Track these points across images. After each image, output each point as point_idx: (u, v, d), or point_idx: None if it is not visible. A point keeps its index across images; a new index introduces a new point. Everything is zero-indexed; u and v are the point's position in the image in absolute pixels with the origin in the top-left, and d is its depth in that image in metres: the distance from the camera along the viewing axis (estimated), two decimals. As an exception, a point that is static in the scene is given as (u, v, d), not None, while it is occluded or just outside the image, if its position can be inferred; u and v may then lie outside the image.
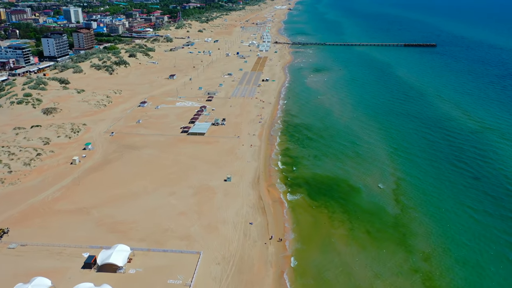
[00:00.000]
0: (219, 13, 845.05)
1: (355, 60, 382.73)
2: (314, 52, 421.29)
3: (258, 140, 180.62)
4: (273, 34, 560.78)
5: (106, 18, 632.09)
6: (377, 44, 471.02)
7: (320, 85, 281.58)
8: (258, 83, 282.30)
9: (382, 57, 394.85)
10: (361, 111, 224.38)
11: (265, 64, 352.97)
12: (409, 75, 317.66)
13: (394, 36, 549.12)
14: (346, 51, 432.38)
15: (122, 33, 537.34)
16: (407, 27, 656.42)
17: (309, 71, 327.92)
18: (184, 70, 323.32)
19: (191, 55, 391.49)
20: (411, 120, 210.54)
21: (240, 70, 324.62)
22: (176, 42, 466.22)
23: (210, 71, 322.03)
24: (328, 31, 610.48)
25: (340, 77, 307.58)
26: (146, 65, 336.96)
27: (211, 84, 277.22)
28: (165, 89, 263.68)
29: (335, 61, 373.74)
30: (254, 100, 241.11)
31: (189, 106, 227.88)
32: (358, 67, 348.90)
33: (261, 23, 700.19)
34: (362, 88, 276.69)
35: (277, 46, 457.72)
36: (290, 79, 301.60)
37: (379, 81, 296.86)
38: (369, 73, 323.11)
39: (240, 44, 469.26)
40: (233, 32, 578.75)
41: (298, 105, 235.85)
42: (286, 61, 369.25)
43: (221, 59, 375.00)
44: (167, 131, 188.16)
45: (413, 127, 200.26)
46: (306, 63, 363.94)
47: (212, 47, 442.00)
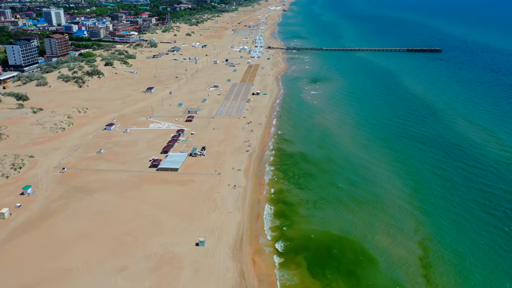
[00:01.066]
0: (210, 15, 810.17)
1: (354, 68, 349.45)
2: (310, 59, 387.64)
3: (244, 178, 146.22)
4: (266, 38, 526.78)
5: (89, 21, 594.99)
6: (377, 49, 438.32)
7: (317, 100, 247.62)
8: (248, 97, 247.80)
9: (384, 64, 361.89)
10: (366, 135, 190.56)
11: (256, 73, 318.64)
12: (415, 86, 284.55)
13: (394, 39, 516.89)
14: (344, 57, 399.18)
15: (104, 37, 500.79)
16: (407, 30, 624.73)
17: (305, 82, 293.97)
18: (165, 81, 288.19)
19: (176, 62, 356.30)
20: (424, 146, 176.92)
21: (228, 81, 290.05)
22: (161, 47, 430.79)
23: (194, 82, 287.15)
24: (325, 34, 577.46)
25: (339, 90, 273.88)
26: (123, 75, 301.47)
27: (193, 99, 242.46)
28: (140, 106, 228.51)
29: (333, 69, 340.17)
30: (242, 121, 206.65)
31: (165, 129, 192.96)
32: (359, 76, 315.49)
33: (253, 25, 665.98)
34: (364, 103, 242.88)
35: (270, 51, 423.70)
36: (284, 92, 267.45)
37: (382, 94, 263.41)
38: (370, 84, 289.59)
39: (230, 49, 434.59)
40: (223, 36, 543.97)
41: (292, 127, 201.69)
42: (280, 70, 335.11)
43: (208, 67, 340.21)
44: (133, 166, 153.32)
45: (427, 157, 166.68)
46: (301, 71, 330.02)
47: (200, 53, 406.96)
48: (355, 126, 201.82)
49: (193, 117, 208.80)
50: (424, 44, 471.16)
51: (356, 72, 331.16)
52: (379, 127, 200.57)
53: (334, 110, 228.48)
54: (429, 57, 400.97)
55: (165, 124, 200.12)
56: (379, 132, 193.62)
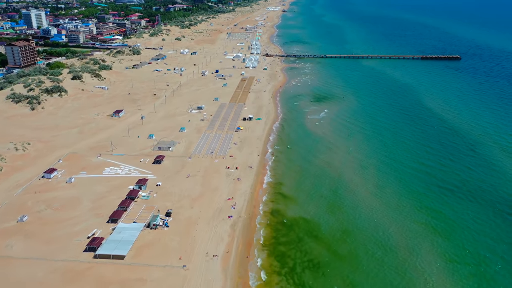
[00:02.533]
0: (205, 16, 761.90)
1: (364, 81, 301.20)
2: (312, 69, 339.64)
3: (222, 273, 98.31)
4: (263, 43, 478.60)
5: (71, 24, 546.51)
6: (387, 57, 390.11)
7: (323, 128, 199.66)
8: (237, 125, 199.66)
9: (398, 77, 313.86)
10: (394, 186, 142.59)
11: (250, 88, 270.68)
12: (441, 108, 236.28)
13: (403, 44, 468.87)
14: (351, 67, 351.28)
15: (84, 42, 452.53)
16: (415, 33, 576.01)
17: (308, 101, 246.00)
18: (140, 100, 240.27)
19: (157, 74, 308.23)
20: (477, 205, 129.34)
21: (216, 100, 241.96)
22: (144, 54, 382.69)
23: (174, 102, 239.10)
24: (327, 37, 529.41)
25: (349, 113, 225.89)
26: (91, 92, 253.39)
27: (169, 128, 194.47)
28: (99, 139, 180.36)
29: (340, 83, 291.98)
30: (228, 161, 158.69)
31: (123, 177, 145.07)
32: (370, 93, 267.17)
33: (251, 28, 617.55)
34: (383, 134, 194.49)
35: (268, 60, 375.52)
36: (283, 115, 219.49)
37: (404, 120, 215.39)
38: (387, 105, 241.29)
39: (223, 57, 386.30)
40: (217, 40, 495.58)
41: (293, 171, 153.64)
42: (278, 84, 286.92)
43: (194, 80, 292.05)
44: (60, 248, 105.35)
45: (475, 216, 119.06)
46: (303, 86, 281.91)
47: (187, 62, 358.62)
48: (377, 171, 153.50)
49: (163, 157, 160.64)
50: (440, 51, 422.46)
51: (366, 87, 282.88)
52: (408, 173, 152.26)
53: (346, 144, 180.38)
54: (448, 66, 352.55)
55: (125, 168, 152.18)
56: (410, 182, 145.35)
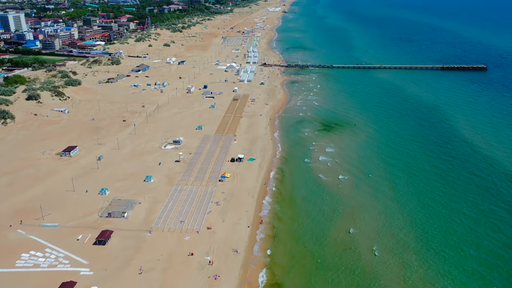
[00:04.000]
0: (201, 18, 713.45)
1: (379, 100, 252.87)
2: (318, 82, 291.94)
3: None
4: (262, 49, 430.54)
5: (50, 27, 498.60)
6: (403, 67, 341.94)
7: (334, 174, 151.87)
8: (222, 170, 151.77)
9: (418, 93, 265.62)
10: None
11: (243, 111, 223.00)
12: (478, 138, 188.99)
13: (418, 51, 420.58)
14: (362, 79, 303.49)
15: (60, 49, 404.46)
16: (430, 38, 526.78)
17: (314, 130, 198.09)
18: (105, 130, 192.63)
19: (134, 91, 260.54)
20: None
21: (199, 129, 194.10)
22: (124, 64, 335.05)
23: (147, 131, 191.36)
24: (332, 42, 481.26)
25: (367, 149, 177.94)
26: (46, 117, 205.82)
27: (131, 176, 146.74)
28: (31, 196, 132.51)
29: (351, 103, 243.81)
30: (203, 238, 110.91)
31: (43, 273, 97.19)
32: (390, 117, 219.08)
33: (248, 31, 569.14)
34: (421, 190, 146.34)
35: (266, 70, 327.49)
36: (282, 153, 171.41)
37: (431, 156, 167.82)
38: (415, 137, 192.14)
39: (214, 67, 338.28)
40: (210, 46, 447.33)
41: (302, 263, 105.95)
42: (278, 104, 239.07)
43: (177, 99, 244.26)
44: None
45: None
46: (307, 108, 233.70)
47: (173, 74, 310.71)
48: (423, 261, 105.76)
49: (111, 232, 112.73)
50: (461, 60, 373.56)
51: (382, 108, 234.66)
52: (461, 258, 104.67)
53: (369, 205, 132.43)
54: (473, 79, 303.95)
55: (52, 253, 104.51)
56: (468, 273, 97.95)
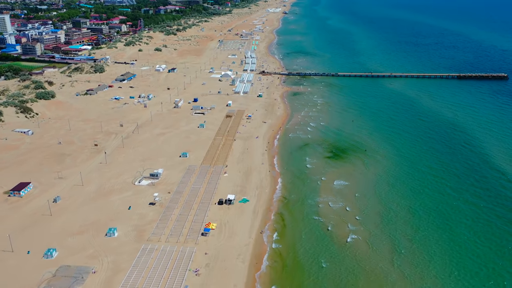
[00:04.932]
0: (198, 19, 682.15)
1: (391, 117, 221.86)
2: (322, 94, 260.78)
3: None
4: (260, 54, 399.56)
5: (34, 30, 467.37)
6: (415, 76, 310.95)
7: (345, 226, 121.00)
8: (205, 221, 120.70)
9: (435, 108, 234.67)
10: None
11: (237, 131, 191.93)
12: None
13: (429, 57, 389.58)
14: (371, 90, 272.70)
15: (42, 54, 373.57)
16: (441, 42, 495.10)
17: (318, 157, 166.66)
18: (71, 158, 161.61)
19: (114, 105, 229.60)
20: None
21: (183, 156, 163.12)
22: (109, 72, 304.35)
23: (120, 160, 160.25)
24: (336, 46, 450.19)
25: (381, 188, 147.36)
26: (5, 140, 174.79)
27: (91, 227, 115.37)
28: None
29: (360, 123, 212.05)
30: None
31: None
32: (403, 141, 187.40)
33: (247, 34, 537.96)
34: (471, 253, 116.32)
35: (264, 80, 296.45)
36: (283, 191, 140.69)
37: (467, 200, 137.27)
38: (428, 167, 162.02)
39: (208, 76, 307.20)
40: (205, 51, 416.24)
41: None
42: (277, 123, 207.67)
43: (161, 116, 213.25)
44: None
45: None
46: (312, 128, 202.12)
47: (161, 84, 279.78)
48: None
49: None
50: (478, 68, 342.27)
51: (397, 128, 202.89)
52: None
53: (401, 270, 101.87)
54: (496, 90, 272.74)
55: None
56: None
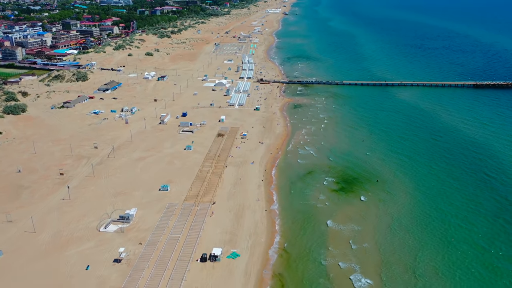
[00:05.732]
0: (194, 21, 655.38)
1: (404, 137, 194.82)
2: (327, 107, 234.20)
3: None
4: (259, 59, 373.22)
5: (18, 33, 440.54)
6: (428, 85, 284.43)
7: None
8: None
9: (451, 123, 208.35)
10: None
11: (229, 155, 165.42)
12: None
13: (440, 62, 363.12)
14: (380, 103, 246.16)
15: (23, 59, 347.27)
16: (451, 45, 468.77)
17: (325, 191, 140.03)
18: (28, 191, 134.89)
19: (92, 121, 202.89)
20: None
21: (163, 189, 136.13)
22: (93, 80, 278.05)
23: (87, 195, 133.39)
24: (339, 50, 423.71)
25: (399, 237, 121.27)
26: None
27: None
28: None
29: (370, 143, 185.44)
30: None
31: None
32: (420, 168, 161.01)
33: (245, 36, 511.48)
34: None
35: (262, 89, 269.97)
36: (283, 240, 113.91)
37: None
38: (455, 208, 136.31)
39: (201, 84, 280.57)
40: (199, 55, 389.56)
41: None
42: (276, 143, 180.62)
43: (144, 135, 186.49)
44: None
45: None
46: (316, 150, 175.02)
47: (148, 95, 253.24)
48: None
49: None
50: (495, 75, 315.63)
51: (412, 151, 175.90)
52: None
53: None
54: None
55: None
56: None
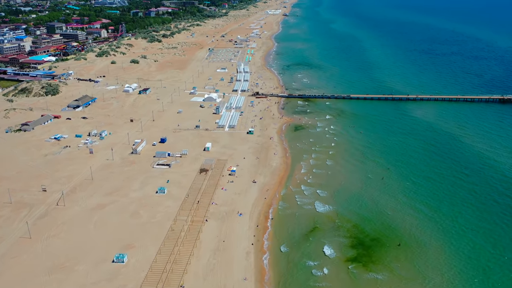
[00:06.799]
0: (190, 23, 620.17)
1: (428, 171, 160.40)
2: (333, 130, 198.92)
3: None
4: (256, 66, 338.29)
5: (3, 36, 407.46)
6: (447, 99, 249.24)
7: None
8: None
9: (486, 153, 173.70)
10: None
11: (211, 201, 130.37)
12: None
13: (449, 69, 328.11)
14: (395, 121, 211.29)
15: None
16: (455, 49, 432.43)
17: (337, 262, 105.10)
18: None
19: (51, 149, 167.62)
20: None
21: (116, 261, 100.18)
22: (64, 94, 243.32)
23: (9, 274, 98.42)
24: (343, 56, 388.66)
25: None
26: None
27: None
28: None
29: (391, 182, 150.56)
30: None
31: None
32: (457, 227, 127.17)
33: (242, 40, 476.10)
34: None
35: (258, 103, 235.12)
36: None
37: None
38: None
39: (188, 98, 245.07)
40: (191, 62, 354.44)
41: None
42: (272, 182, 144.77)
43: (109, 170, 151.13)
44: None
45: None
46: (322, 198, 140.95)
47: (126, 112, 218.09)
48: None
49: None
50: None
51: (443, 195, 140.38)
52: None
53: None
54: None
55: None
56: None
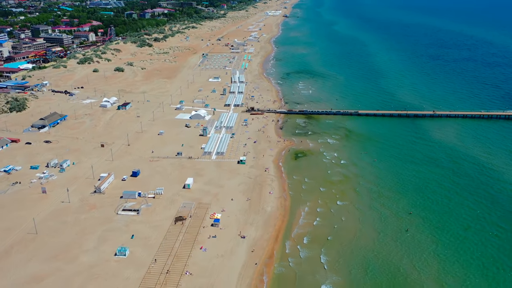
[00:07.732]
0: (186, 25, 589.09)
1: (463, 221, 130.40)
2: (340, 158, 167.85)
3: None
4: (252, 75, 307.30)
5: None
6: (469, 116, 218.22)
7: None
8: None
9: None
10: None
11: (185, 271, 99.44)
12: None
13: (462, 78, 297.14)
14: (412, 145, 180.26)
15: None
16: (466, 55, 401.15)
17: None
18: None
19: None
20: None
21: None
22: (31, 111, 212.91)
23: None
24: (348, 62, 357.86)
25: None
26: None
27: None
28: None
29: (418, 234, 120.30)
30: None
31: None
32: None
33: (239, 44, 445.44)
34: None
35: (251, 122, 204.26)
36: None
37: None
38: None
39: (173, 115, 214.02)
40: (181, 70, 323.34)
41: None
42: (266, 238, 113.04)
43: (61, 219, 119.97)
44: None
45: None
46: (328, 260, 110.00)
47: (97, 134, 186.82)
48: None
49: None
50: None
51: (488, 258, 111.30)
52: None
53: None
54: None
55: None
56: None
